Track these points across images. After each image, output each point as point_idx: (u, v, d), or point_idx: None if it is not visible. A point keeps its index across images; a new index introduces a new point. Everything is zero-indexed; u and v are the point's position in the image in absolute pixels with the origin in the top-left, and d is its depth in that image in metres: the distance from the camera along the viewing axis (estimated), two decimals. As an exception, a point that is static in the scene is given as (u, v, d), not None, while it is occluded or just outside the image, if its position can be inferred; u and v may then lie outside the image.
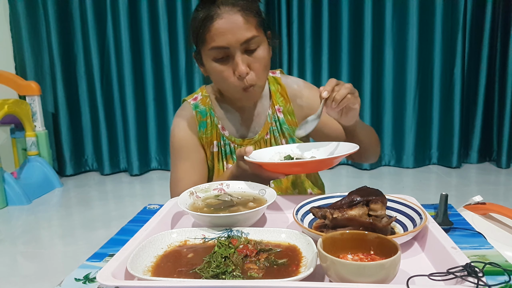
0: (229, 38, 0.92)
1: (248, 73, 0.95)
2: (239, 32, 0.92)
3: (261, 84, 1.00)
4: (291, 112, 1.12)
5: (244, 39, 0.92)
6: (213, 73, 0.99)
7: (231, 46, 0.93)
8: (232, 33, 0.92)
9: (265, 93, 1.12)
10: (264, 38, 0.98)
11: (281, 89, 1.12)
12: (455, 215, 0.89)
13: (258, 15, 0.96)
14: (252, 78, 0.96)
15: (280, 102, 1.11)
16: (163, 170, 3.60)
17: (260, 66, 0.97)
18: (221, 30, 0.92)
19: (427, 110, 3.37)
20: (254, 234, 0.73)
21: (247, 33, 0.92)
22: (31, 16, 3.39)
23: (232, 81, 0.97)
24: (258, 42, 0.95)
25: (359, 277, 0.54)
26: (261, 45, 0.97)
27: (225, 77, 0.97)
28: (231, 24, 0.91)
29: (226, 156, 1.12)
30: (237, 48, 0.93)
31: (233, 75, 0.96)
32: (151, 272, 0.63)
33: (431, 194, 2.79)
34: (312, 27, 3.28)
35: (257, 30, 0.95)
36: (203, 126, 1.11)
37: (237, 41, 0.92)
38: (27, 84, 3.18)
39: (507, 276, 0.58)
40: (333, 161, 0.85)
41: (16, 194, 2.80)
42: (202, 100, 1.12)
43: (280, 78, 1.13)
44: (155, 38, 3.39)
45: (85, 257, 0.74)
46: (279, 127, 1.12)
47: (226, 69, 0.96)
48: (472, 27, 3.23)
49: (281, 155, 1.00)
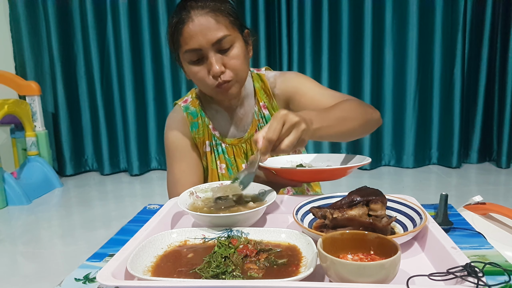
0: (200, 40, 0.93)
1: (223, 71, 0.96)
2: (210, 33, 0.93)
3: (239, 79, 1.00)
4: (276, 107, 1.12)
5: (215, 39, 0.94)
6: (191, 75, 1.00)
7: (203, 48, 0.94)
8: (203, 35, 0.93)
9: (250, 91, 1.13)
10: (239, 36, 0.99)
11: (264, 85, 1.12)
12: (455, 215, 0.89)
13: (229, 14, 0.97)
14: (227, 75, 0.97)
15: (264, 99, 1.12)
16: (163, 170, 3.60)
17: (236, 63, 0.97)
18: (192, 33, 0.93)
19: (427, 110, 3.37)
20: (254, 234, 0.73)
21: (217, 33, 0.93)
22: (31, 16, 3.39)
23: (208, 81, 0.98)
24: (231, 41, 0.96)
25: (359, 277, 0.54)
26: (235, 43, 0.97)
27: (201, 78, 0.98)
28: (201, 26, 0.93)
29: (218, 156, 1.13)
30: (209, 49, 0.94)
31: (208, 75, 0.97)
32: (151, 272, 0.63)
33: (431, 194, 2.79)
34: (312, 27, 3.28)
35: (229, 29, 0.96)
36: (195, 126, 1.12)
37: (208, 42, 0.93)
38: (27, 84, 3.18)
39: (507, 276, 0.58)
40: (347, 171, 0.87)
41: (16, 194, 2.80)
42: (192, 102, 1.14)
43: (264, 74, 1.13)
44: (155, 38, 3.39)
45: (85, 257, 0.74)
46: (265, 123, 1.12)
47: (201, 69, 0.97)
48: (472, 27, 3.23)
49: (292, 163, 1.02)
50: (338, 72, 3.33)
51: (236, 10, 1.00)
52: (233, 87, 1.00)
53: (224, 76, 0.97)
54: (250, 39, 1.05)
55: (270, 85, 1.12)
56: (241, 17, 1.01)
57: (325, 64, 3.31)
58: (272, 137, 0.73)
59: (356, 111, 0.97)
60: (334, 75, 3.33)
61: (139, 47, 3.40)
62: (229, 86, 0.99)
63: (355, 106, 0.98)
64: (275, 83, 1.12)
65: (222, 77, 0.97)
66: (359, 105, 1.00)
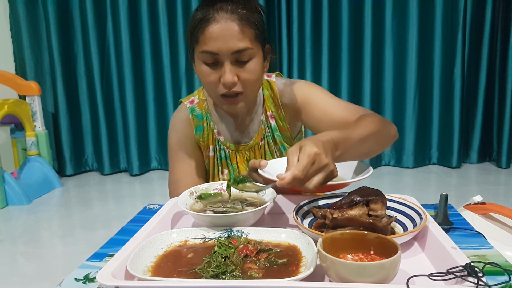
0: (220, 45, 0.89)
1: (235, 83, 0.92)
2: (232, 41, 0.89)
3: (249, 95, 0.97)
4: (283, 118, 1.09)
5: (236, 49, 0.90)
6: (201, 75, 0.96)
7: (221, 53, 0.90)
8: (224, 41, 0.89)
9: (259, 99, 1.09)
10: (260, 51, 0.95)
11: (273, 94, 1.08)
12: (455, 215, 0.89)
13: (256, 27, 0.93)
14: (238, 87, 0.93)
15: (272, 108, 1.08)
16: (163, 170, 3.60)
17: (250, 78, 0.93)
18: (214, 34, 0.89)
19: (427, 110, 3.37)
20: (254, 234, 0.73)
21: (240, 43, 0.90)
22: (31, 16, 3.39)
23: (217, 88, 0.94)
24: (251, 54, 0.92)
25: (359, 277, 0.54)
26: (254, 58, 0.93)
27: (211, 82, 0.94)
28: (225, 31, 0.89)
29: (221, 162, 1.12)
30: (227, 56, 0.90)
31: (219, 81, 0.93)
32: (151, 272, 0.63)
33: (431, 194, 2.79)
34: (312, 27, 3.28)
35: (252, 42, 0.92)
36: (199, 130, 1.10)
37: (228, 50, 0.90)
38: (27, 84, 3.18)
39: (507, 276, 0.58)
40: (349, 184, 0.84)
41: (16, 194, 2.80)
42: (199, 104, 1.11)
43: (275, 82, 1.09)
44: (155, 38, 3.39)
45: (85, 257, 0.74)
46: (271, 133, 1.10)
47: (213, 74, 0.93)
48: (472, 27, 3.23)
49: None
50: (338, 72, 3.33)
51: (263, 23, 0.97)
52: (241, 102, 0.96)
53: (235, 88, 0.93)
54: (269, 56, 1.01)
55: (279, 94, 1.08)
56: (266, 31, 0.98)
57: (325, 64, 3.31)
58: (300, 176, 0.70)
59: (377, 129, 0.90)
60: (334, 75, 3.33)
61: (139, 47, 3.39)
62: (237, 101, 0.96)
63: (376, 124, 0.91)
64: (284, 92, 1.07)
65: (233, 89, 0.93)
66: (380, 123, 0.92)
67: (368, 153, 0.91)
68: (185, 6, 3.30)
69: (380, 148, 0.94)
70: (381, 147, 0.95)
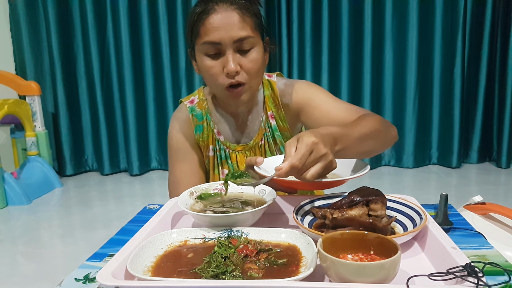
0: (222, 34, 0.90)
1: (238, 72, 0.93)
2: (233, 30, 0.90)
3: (252, 85, 0.97)
4: (283, 118, 1.08)
5: (238, 37, 0.91)
6: (203, 68, 0.96)
7: (223, 42, 0.91)
8: (226, 30, 0.90)
9: (260, 98, 1.09)
10: (260, 41, 0.96)
11: (274, 94, 1.08)
12: (455, 215, 0.89)
13: (255, 17, 0.95)
14: (241, 77, 0.94)
15: (273, 108, 1.08)
16: (163, 170, 3.60)
17: (252, 67, 0.94)
18: (215, 25, 0.90)
19: (427, 110, 3.37)
20: (254, 234, 0.73)
21: (241, 31, 0.91)
22: (31, 16, 3.39)
23: (220, 79, 0.94)
24: (252, 43, 0.93)
25: (359, 277, 0.54)
26: (256, 47, 0.94)
27: (214, 74, 0.94)
28: (226, 20, 0.90)
29: (221, 161, 1.11)
30: (229, 45, 0.91)
31: (222, 72, 0.93)
32: (151, 272, 0.63)
33: (431, 194, 2.79)
34: (312, 27, 3.28)
35: (253, 31, 0.93)
36: (199, 129, 1.10)
37: (230, 38, 0.91)
38: (27, 84, 3.18)
39: (507, 276, 0.58)
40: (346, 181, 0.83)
41: (16, 194, 2.80)
42: (199, 104, 1.11)
43: (276, 82, 1.08)
44: (155, 38, 3.39)
45: (85, 257, 0.74)
46: (271, 133, 1.09)
47: (216, 65, 0.93)
48: (472, 27, 3.23)
49: None
50: (338, 72, 3.33)
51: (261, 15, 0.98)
52: (245, 93, 0.97)
53: (238, 77, 0.93)
54: (269, 47, 1.02)
55: (280, 94, 1.07)
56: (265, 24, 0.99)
57: (325, 64, 3.31)
58: (298, 165, 0.69)
59: (377, 129, 0.90)
60: (334, 75, 3.33)
61: (139, 47, 3.39)
62: (241, 92, 0.96)
63: (376, 123, 0.91)
64: (285, 92, 1.07)
65: (236, 78, 0.93)
66: (380, 123, 0.93)
67: (368, 152, 0.91)
68: (185, 6, 3.31)
69: (379, 147, 0.95)
70: (381, 147, 0.95)
